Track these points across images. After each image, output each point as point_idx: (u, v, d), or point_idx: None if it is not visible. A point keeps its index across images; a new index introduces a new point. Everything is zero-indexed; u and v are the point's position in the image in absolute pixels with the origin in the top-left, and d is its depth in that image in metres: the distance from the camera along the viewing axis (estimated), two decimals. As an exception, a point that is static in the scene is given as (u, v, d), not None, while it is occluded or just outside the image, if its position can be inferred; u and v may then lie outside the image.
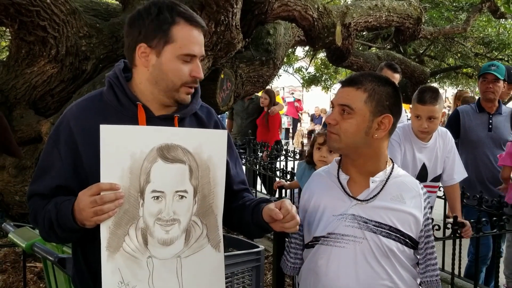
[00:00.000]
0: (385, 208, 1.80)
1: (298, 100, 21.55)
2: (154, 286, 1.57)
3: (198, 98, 1.80)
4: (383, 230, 1.78)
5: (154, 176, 1.54)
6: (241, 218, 1.77)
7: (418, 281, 1.90)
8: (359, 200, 1.82)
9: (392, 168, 1.89)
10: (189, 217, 1.61)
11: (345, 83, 1.84)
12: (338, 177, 1.88)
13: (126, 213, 1.52)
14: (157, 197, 1.55)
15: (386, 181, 1.84)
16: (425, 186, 3.17)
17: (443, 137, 3.28)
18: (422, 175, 3.21)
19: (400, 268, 1.81)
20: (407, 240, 1.81)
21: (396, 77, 4.26)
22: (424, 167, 3.22)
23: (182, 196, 1.58)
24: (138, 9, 1.68)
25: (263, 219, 1.66)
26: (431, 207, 3.36)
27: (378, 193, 1.82)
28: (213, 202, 1.65)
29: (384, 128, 1.80)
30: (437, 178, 3.31)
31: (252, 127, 7.90)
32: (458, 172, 3.33)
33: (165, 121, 1.69)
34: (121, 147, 1.51)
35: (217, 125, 1.87)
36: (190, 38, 1.64)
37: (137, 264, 1.54)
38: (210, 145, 1.63)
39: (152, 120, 1.67)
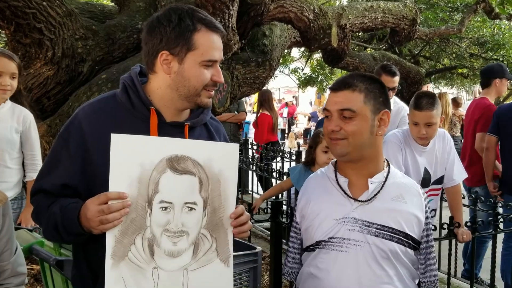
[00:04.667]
0: (386, 209, 1.80)
1: (292, 105, 21.49)
2: None
3: (209, 110, 1.81)
4: (385, 232, 1.77)
5: (162, 187, 1.53)
6: None
7: (417, 281, 1.91)
8: (360, 201, 1.81)
9: (389, 169, 1.90)
10: (198, 230, 1.58)
11: (338, 87, 1.82)
12: (337, 180, 1.88)
13: (133, 222, 1.51)
14: (165, 208, 1.53)
15: (385, 181, 1.85)
16: (429, 190, 3.21)
17: (441, 138, 3.25)
18: (425, 180, 3.19)
19: (401, 270, 1.81)
20: (410, 242, 1.81)
21: (396, 80, 4.10)
22: (426, 171, 3.19)
23: (191, 208, 1.56)
24: (157, 16, 1.68)
25: None
26: (434, 210, 3.35)
27: (378, 193, 1.82)
28: (223, 216, 1.62)
29: (385, 124, 1.83)
30: (439, 181, 3.28)
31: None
32: (458, 173, 3.30)
33: (176, 127, 1.69)
34: (131, 156, 1.51)
35: (226, 141, 1.88)
36: (211, 44, 1.65)
37: (142, 274, 1.52)
38: (222, 158, 1.62)
39: (163, 125, 1.67)
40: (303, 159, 3.75)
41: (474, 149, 4.50)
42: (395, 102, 4.24)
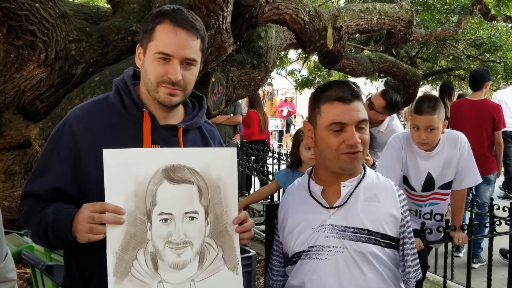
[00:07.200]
0: (361, 211, 1.80)
1: (291, 102, 21.46)
2: None
3: (204, 113, 1.79)
4: (362, 235, 1.77)
5: (160, 198, 1.50)
6: None
7: (402, 283, 1.90)
8: (336, 207, 1.81)
9: (365, 171, 1.90)
10: (202, 239, 1.55)
11: (350, 98, 1.75)
12: (309, 190, 1.88)
13: (133, 237, 1.48)
14: (166, 220, 1.51)
15: (359, 183, 1.84)
16: (434, 194, 3.18)
17: (453, 142, 3.12)
18: (429, 184, 3.14)
19: (384, 271, 1.80)
20: (387, 241, 1.80)
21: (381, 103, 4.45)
22: (430, 176, 3.12)
23: (192, 218, 1.54)
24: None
25: None
26: (441, 215, 3.29)
27: (352, 196, 1.82)
28: (227, 222, 1.59)
29: None
30: (447, 185, 3.20)
31: None
32: (470, 177, 3.20)
33: (169, 130, 1.67)
34: (125, 171, 1.48)
35: (221, 145, 1.86)
36: (168, 37, 1.60)
37: None
38: (219, 163, 1.59)
39: (157, 129, 1.65)
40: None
41: (486, 143, 5.41)
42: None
